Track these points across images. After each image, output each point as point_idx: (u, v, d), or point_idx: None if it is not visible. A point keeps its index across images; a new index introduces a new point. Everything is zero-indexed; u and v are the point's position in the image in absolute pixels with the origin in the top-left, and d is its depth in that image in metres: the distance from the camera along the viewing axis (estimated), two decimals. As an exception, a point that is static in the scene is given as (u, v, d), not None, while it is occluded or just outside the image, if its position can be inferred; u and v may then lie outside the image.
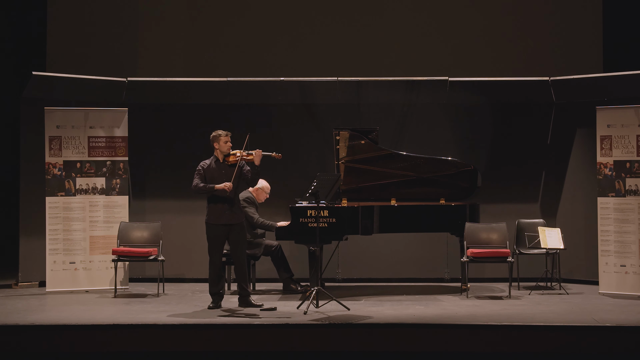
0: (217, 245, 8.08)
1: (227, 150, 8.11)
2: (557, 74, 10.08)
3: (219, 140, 8.10)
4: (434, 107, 10.12)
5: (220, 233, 8.05)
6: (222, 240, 8.10)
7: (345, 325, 7.26)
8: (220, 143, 8.09)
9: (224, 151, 8.10)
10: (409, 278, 9.92)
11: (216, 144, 8.11)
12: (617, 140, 8.92)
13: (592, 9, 10.70)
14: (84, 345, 7.06)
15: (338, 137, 9.04)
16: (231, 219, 8.03)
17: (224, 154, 8.11)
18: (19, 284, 9.49)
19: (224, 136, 8.10)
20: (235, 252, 8.14)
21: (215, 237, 8.06)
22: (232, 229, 8.05)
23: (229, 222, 8.02)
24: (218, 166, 8.10)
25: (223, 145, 8.09)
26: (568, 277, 9.61)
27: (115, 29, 10.83)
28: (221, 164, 8.11)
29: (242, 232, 8.15)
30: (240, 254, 8.13)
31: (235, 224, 8.05)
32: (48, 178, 9.29)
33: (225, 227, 8.03)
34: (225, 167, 8.09)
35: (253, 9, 10.90)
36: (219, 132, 8.12)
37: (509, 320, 7.42)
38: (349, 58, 10.74)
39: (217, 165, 8.10)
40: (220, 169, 8.07)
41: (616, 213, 8.90)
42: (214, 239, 8.07)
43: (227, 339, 7.13)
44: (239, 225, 8.09)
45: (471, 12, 10.81)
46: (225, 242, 8.16)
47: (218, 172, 8.05)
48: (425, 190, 9.23)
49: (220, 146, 8.10)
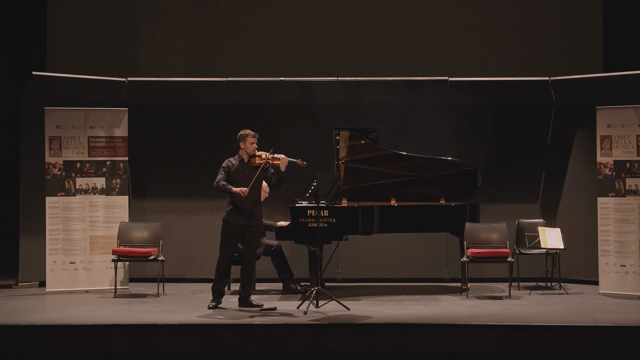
0: (230, 243, 8.05)
1: (253, 151, 8.01)
2: (557, 74, 10.08)
3: (245, 140, 8.00)
4: (434, 107, 10.12)
5: (235, 232, 8.01)
6: (236, 239, 8.07)
7: (345, 325, 7.26)
8: (247, 143, 8.00)
9: (249, 152, 8.01)
10: (409, 278, 9.92)
11: (242, 143, 8.02)
12: (617, 140, 8.92)
13: (592, 9, 10.70)
14: (84, 345, 7.06)
15: (338, 137, 9.05)
16: (249, 220, 7.98)
17: (249, 155, 8.03)
18: (19, 284, 9.49)
19: (251, 137, 8.00)
20: (247, 253, 8.11)
21: (229, 235, 8.02)
22: (247, 229, 8.01)
23: (246, 223, 7.98)
24: (242, 166, 8.01)
25: (249, 146, 8.00)
26: (568, 277, 9.61)
27: (115, 29, 10.82)
28: (245, 165, 8.02)
29: (257, 235, 8.14)
30: (251, 256, 8.12)
31: (252, 226, 8.02)
32: (48, 178, 9.29)
33: (241, 227, 7.99)
34: (249, 167, 8.01)
35: (253, 9, 10.90)
36: (247, 132, 8.01)
37: (509, 320, 7.42)
38: (349, 58, 10.74)
39: (241, 166, 8.02)
40: (244, 170, 7.99)
41: (616, 213, 8.90)
42: (228, 237, 8.03)
43: (227, 339, 7.13)
44: (255, 227, 8.06)
45: (471, 12, 10.81)
46: (238, 242, 8.13)
47: (242, 173, 7.97)
48: (425, 190, 9.23)
49: (246, 146, 8.01)
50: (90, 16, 10.82)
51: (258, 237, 8.16)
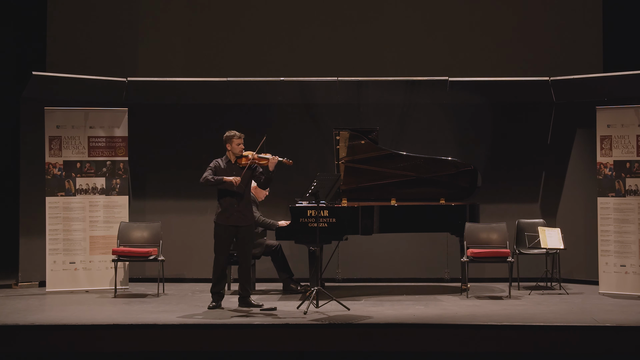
0: (223, 245, 8.06)
1: (239, 152, 8.04)
2: (557, 74, 10.07)
3: (231, 142, 8.04)
4: (434, 107, 10.12)
5: (227, 233, 8.02)
6: (229, 240, 8.07)
7: (345, 325, 7.26)
8: (233, 145, 8.03)
9: (236, 153, 8.04)
10: (409, 278, 9.92)
11: (228, 144, 8.06)
12: (617, 140, 8.92)
13: (592, 9, 10.70)
14: (84, 345, 7.05)
15: (338, 137, 9.04)
16: (240, 220, 8.00)
17: (236, 156, 8.06)
18: (19, 284, 9.49)
19: (237, 138, 8.03)
20: (241, 253, 8.12)
21: (222, 237, 8.03)
22: (239, 230, 8.02)
23: (237, 223, 7.99)
24: (229, 167, 8.04)
25: (235, 147, 8.03)
26: (568, 277, 9.61)
27: (115, 29, 10.83)
28: (232, 165, 8.05)
29: (250, 234, 8.13)
30: (246, 256, 8.12)
31: (243, 226, 8.03)
32: (48, 178, 9.29)
33: (233, 228, 8.00)
34: (236, 168, 8.03)
35: (253, 9, 10.90)
36: (232, 133, 8.05)
37: (509, 320, 7.42)
38: (349, 58, 10.74)
39: (228, 166, 8.04)
40: (231, 170, 8.01)
41: (616, 213, 8.89)
42: (220, 238, 8.04)
43: (227, 339, 7.13)
44: (247, 227, 8.06)
45: (471, 12, 10.81)
46: (231, 243, 8.14)
47: (229, 174, 7.98)
48: (425, 190, 9.22)
49: (232, 147, 8.04)
50: (90, 16, 10.82)
51: (251, 237, 8.16)
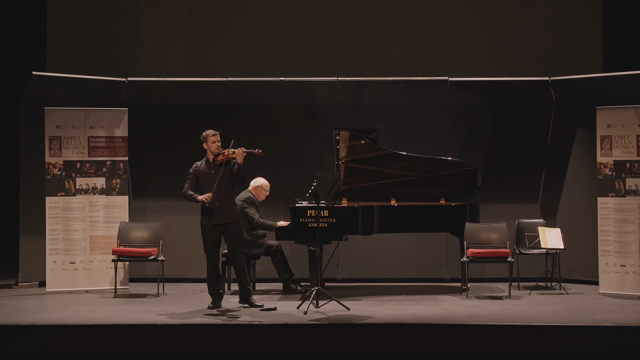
0: (211, 245, 8.09)
1: (216, 150, 8.10)
2: (557, 74, 10.07)
3: (207, 141, 8.11)
4: (434, 107, 10.12)
5: (213, 233, 8.05)
6: (216, 240, 8.10)
7: (345, 325, 7.26)
8: (209, 143, 8.10)
9: (213, 151, 8.10)
10: (409, 278, 9.92)
11: (205, 144, 8.13)
12: (617, 140, 8.92)
13: (592, 9, 10.70)
14: (84, 345, 7.06)
15: (338, 137, 9.04)
16: (222, 218, 8.03)
17: (214, 154, 8.11)
18: (19, 284, 9.49)
19: (212, 136, 8.10)
20: (232, 250, 8.15)
21: (209, 237, 8.07)
22: (225, 228, 8.05)
23: (220, 222, 8.03)
24: (208, 166, 8.11)
25: (211, 145, 8.09)
26: (568, 277, 9.61)
27: (115, 29, 10.83)
28: (210, 164, 8.11)
29: (237, 231, 8.14)
30: (237, 253, 8.13)
31: (227, 223, 8.05)
32: (48, 178, 9.28)
33: (217, 227, 8.04)
34: (214, 166, 8.09)
35: (253, 9, 10.90)
36: (207, 132, 8.13)
37: (509, 320, 7.42)
38: (349, 58, 10.74)
39: (207, 166, 8.12)
40: (209, 169, 8.09)
41: (616, 213, 8.89)
42: (207, 239, 8.09)
43: (227, 339, 7.13)
44: (232, 224, 8.08)
45: (471, 12, 10.81)
46: (220, 242, 8.18)
47: (208, 173, 8.07)
48: (425, 190, 9.22)
49: (209, 146, 8.11)
50: (90, 16, 10.82)
51: (239, 233, 8.16)
